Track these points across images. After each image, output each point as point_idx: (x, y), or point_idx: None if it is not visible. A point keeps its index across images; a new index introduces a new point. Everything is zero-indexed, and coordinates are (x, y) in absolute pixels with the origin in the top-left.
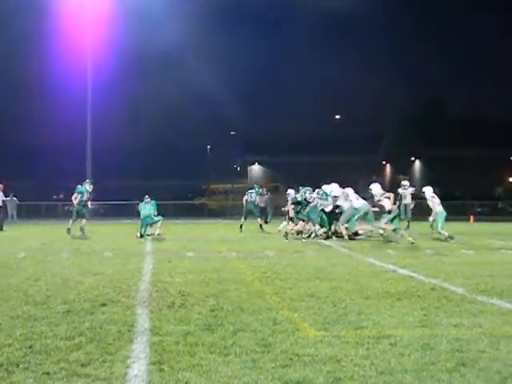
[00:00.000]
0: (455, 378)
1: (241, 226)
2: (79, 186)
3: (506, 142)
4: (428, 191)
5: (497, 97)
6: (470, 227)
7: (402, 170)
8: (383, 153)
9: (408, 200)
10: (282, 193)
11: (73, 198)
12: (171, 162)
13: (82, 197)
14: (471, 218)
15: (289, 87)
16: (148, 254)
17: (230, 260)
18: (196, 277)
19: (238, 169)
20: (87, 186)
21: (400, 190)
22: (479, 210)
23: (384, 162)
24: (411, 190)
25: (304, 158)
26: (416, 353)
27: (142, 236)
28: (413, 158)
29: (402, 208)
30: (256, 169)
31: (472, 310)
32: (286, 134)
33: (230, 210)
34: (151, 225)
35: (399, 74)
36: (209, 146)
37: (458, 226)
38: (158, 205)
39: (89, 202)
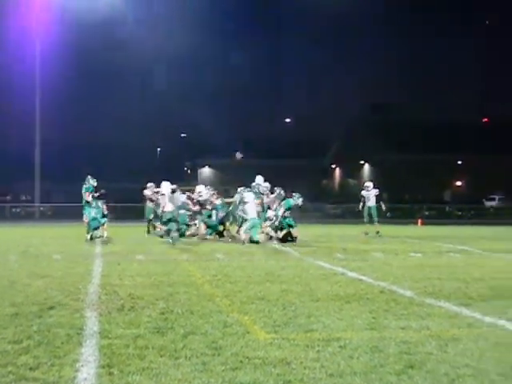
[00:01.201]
0: (403, 380)
1: None
2: (86, 185)
3: (453, 146)
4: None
5: (446, 101)
6: (418, 230)
7: (352, 173)
8: (332, 156)
9: (372, 202)
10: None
11: (86, 197)
12: (120, 164)
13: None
14: (419, 221)
15: (239, 90)
16: (97, 257)
17: (180, 263)
18: (146, 280)
19: (189, 171)
20: (92, 182)
21: (364, 193)
22: (427, 213)
23: (333, 166)
24: (375, 191)
25: (253, 161)
26: (365, 355)
27: (91, 239)
28: (362, 162)
29: (366, 210)
30: (206, 171)
31: (420, 312)
32: (236, 137)
33: None
34: (98, 227)
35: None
36: (159, 149)
37: (406, 230)
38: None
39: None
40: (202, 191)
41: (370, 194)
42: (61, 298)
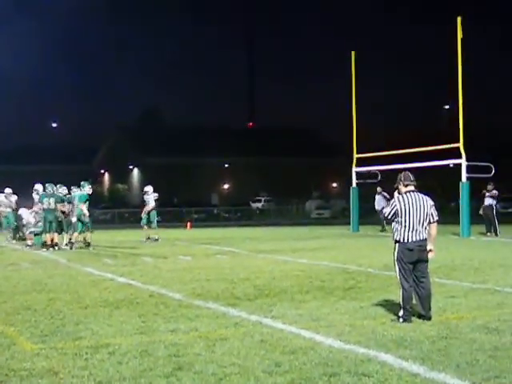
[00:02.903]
0: (172, 383)
1: None
2: (78, 193)
3: (221, 149)
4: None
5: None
6: (187, 233)
7: (121, 178)
8: (100, 161)
9: (151, 205)
10: None
11: (84, 209)
12: None
13: (89, 204)
14: (188, 224)
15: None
16: None
17: None
18: None
19: None
20: (87, 189)
21: (146, 197)
22: (196, 216)
23: (102, 171)
24: (154, 195)
25: (20, 167)
26: (134, 360)
27: None
28: (131, 166)
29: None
30: None
31: (189, 314)
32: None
33: None
34: None
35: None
36: None
37: (175, 233)
38: None
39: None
40: None
41: (150, 198)
42: None
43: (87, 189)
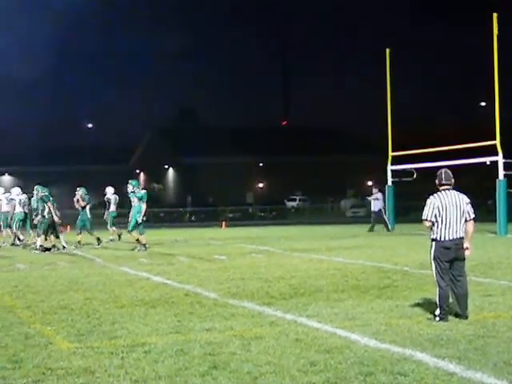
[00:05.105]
0: (207, 381)
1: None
2: (140, 192)
3: (255, 148)
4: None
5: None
6: (222, 232)
7: (156, 177)
8: (136, 161)
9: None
10: None
11: (144, 208)
12: None
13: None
14: (223, 223)
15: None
16: None
17: None
18: None
19: None
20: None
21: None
22: (231, 215)
23: (137, 171)
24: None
25: (58, 168)
26: (170, 359)
27: None
28: (166, 166)
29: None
30: (6, 180)
31: (224, 313)
32: (37, 144)
33: None
34: None
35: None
36: None
37: (210, 232)
38: None
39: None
40: None
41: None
42: None
43: (140, 188)
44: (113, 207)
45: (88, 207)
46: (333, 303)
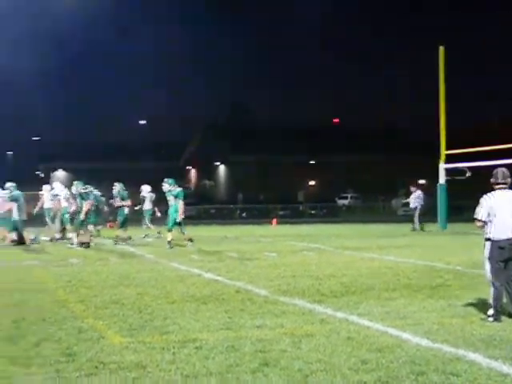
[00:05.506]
0: (258, 378)
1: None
2: (176, 189)
3: (306, 147)
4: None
5: (299, 103)
6: (273, 230)
7: (208, 174)
8: (188, 158)
9: (147, 206)
10: None
11: (182, 206)
12: None
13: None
14: (274, 220)
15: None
16: None
17: (34, 268)
18: None
19: (42, 175)
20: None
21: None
22: (281, 212)
23: (189, 167)
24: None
25: (110, 164)
26: (221, 355)
27: None
28: (217, 163)
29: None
30: (60, 175)
31: (275, 310)
32: (92, 140)
33: None
34: None
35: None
36: (11, 152)
37: (260, 229)
38: None
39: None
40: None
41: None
42: None
43: (176, 186)
44: (149, 205)
45: (124, 203)
46: (384, 302)
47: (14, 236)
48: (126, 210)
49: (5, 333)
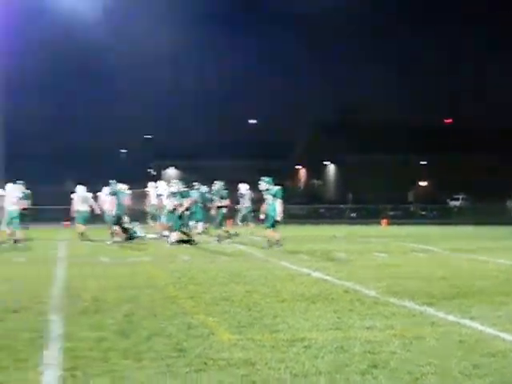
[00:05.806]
0: (367, 380)
1: None
2: (275, 188)
3: (417, 147)
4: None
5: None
6: (383, 230)
7: (317, 174)
8: (297, 157)
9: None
10: None
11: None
12: (84, 166)
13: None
14: (384, 221)
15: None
16: (60, 260)
17: (144, 265)
18: (110, 282)
19: (154, 173)
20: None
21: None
22: (391, 213)
23: (299, 167)
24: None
25: (220, 162)
26: (329, 355)
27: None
28: (327, 163)
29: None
30: (171, 173)
31: (384, 312)
32: (202, 139)
33: None
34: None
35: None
36: (125, 150)
37: (370, 230)
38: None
39: None
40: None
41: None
42: (24, 301)
43: (273, 185)
44: (247, 203)
45: (223, 204)
46: (497, 306)
47: (116, 229)
48: (224, 210)
49: (117, 327)
